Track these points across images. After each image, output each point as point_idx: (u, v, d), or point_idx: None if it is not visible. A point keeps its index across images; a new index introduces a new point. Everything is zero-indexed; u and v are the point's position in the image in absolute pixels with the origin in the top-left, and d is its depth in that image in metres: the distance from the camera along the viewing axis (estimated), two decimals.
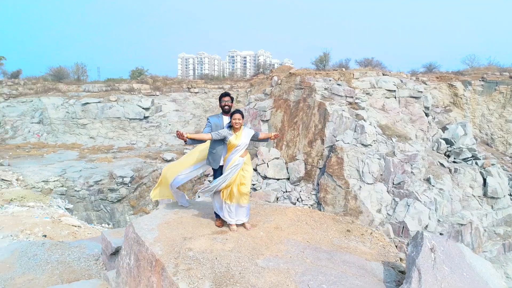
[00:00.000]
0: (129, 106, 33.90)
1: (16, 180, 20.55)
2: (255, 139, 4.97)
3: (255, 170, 22.93)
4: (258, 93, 27.02)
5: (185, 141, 4.47)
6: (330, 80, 22.60)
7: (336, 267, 3.42)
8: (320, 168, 20.48)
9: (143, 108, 34.13)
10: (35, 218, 13.39)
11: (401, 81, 23.48)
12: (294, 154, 22.10)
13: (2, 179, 19.95)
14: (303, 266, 3.48)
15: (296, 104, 22.69)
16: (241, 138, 4.67)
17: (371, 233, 4.37)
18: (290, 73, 24.87)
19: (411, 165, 18.60)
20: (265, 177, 22.28)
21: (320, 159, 20.55)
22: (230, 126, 4.73)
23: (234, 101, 5.31)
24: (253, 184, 21.90)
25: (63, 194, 21.17)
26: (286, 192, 20.93)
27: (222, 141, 4.72)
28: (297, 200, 20.20)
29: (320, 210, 19.73)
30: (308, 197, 20.30)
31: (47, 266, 5.82)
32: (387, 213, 17.51)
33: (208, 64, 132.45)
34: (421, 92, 23.05)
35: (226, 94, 5.10)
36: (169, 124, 35.19)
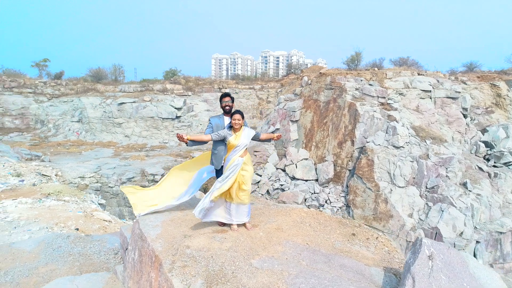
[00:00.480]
0: (162, 106, 34.82)
1: (55, 175, 21.63)
2: (256, 139, 4.95)
3: (283, 170, 22.80)
4: (288, 93, 26.85)
5: (186, 143, 4.53)
6: (361, 80, 22.04)
7: (332, 271, 3.28)
8: (349, 170, 20.03)
9: (175, 108, 34.95)
10: (69, 212, 13.99)
11: (438, 81, 22.47)
12: (323, 155, 21.75)
13: (43, 174, 21.05)
14: (298, 268, 3.39)
15: (326, 105, 22.33)
16: (241, 138, 4.68)
17: (377, 237, 4.17)
18: (320, 73, 24.52)
19: (446, 168, 17.74)
20: (293, 178, 22.08)
21: (349, 161, 20.09)
22: (231, 127, 4.75)
23: (234, 101, 5.31)
24: (281, 185, 21.78)
25: (98, 190, 22.06)
26: (315, 193, 20.63)
27: (224, 141, 4.75)
28: (326, 202, 19.85)
29: (349, 212, 19.28)
30: (337, 199, 19.90)
31: (69, 258, 6.05)
32: (419, 218, 16.81)
33: (241, 65, 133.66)
34: (459, 92, 21.95)
35: (226, 95, 5.14)
36: (200, 124, 35.79)
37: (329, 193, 20.26)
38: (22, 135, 34.34)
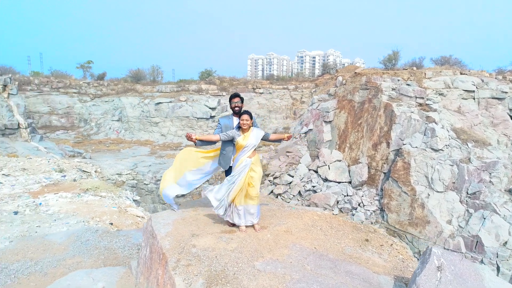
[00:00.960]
0: (197, 106, 35.52)
1: (95, 172, 22.64)
2: (266, 140, 4.90)
3: (315, 171, 22.44)
4: (322, 94, 26.41)
5: (194, 143, 4.55)
6: (398, 80, 21.23)
7: (336, 277, 3.11)
8: (384, 173, 19.35)
9: (209, 108, 35.53)
10: (104, 207, 14.58)
11: (482, 80, 21.18)
12: (357, 157, 21.17)
13: (83, 171, 22.11)
14: (301, 273, 3.27)
15: (361, 105, 21.73)
16: (249, 138, 4.65)
17: (392, 244, 3.93)
18: (355, 73, 23.91)
19: (490, 173, 16.67)
20: (325, 180, 21.67)
21: (384, 163, 19.41)
22: (240, 127, 4.73)
23: (243, 102, 5.24)
24: (313, 186, 21.44)
25: (134, 187, 22.85)
26: (347, 196, 20.13)
27: (232, 142, 4.73)
28: (359, 205, 19.30)
29: (383, 217, 18.62)
30: (371, 203, 19.29)
31: (95, 251, 6.27)
32: (459, 225, 15.91)
33: (276, 65, 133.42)
34: (506, 92, 20.55)
35: (235, 95, 5.09)
36: None
37: (362, 196, 19.69)
38: (67, 133, 36.30)
